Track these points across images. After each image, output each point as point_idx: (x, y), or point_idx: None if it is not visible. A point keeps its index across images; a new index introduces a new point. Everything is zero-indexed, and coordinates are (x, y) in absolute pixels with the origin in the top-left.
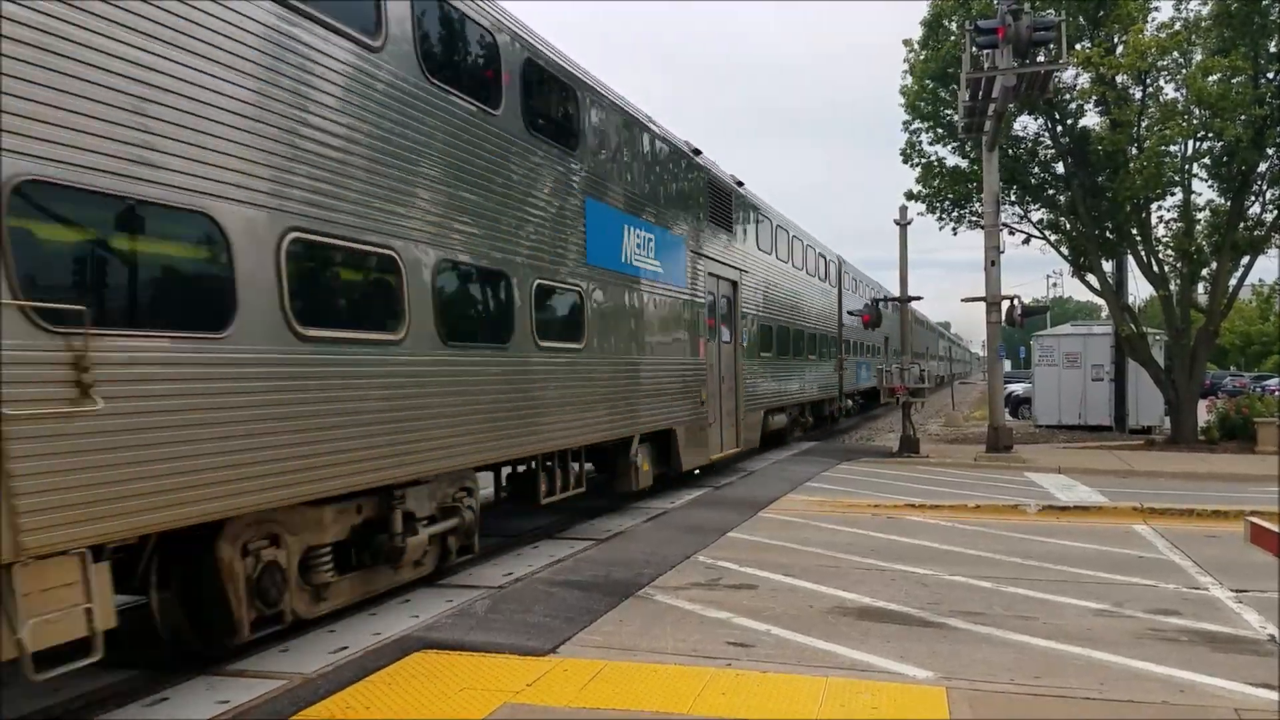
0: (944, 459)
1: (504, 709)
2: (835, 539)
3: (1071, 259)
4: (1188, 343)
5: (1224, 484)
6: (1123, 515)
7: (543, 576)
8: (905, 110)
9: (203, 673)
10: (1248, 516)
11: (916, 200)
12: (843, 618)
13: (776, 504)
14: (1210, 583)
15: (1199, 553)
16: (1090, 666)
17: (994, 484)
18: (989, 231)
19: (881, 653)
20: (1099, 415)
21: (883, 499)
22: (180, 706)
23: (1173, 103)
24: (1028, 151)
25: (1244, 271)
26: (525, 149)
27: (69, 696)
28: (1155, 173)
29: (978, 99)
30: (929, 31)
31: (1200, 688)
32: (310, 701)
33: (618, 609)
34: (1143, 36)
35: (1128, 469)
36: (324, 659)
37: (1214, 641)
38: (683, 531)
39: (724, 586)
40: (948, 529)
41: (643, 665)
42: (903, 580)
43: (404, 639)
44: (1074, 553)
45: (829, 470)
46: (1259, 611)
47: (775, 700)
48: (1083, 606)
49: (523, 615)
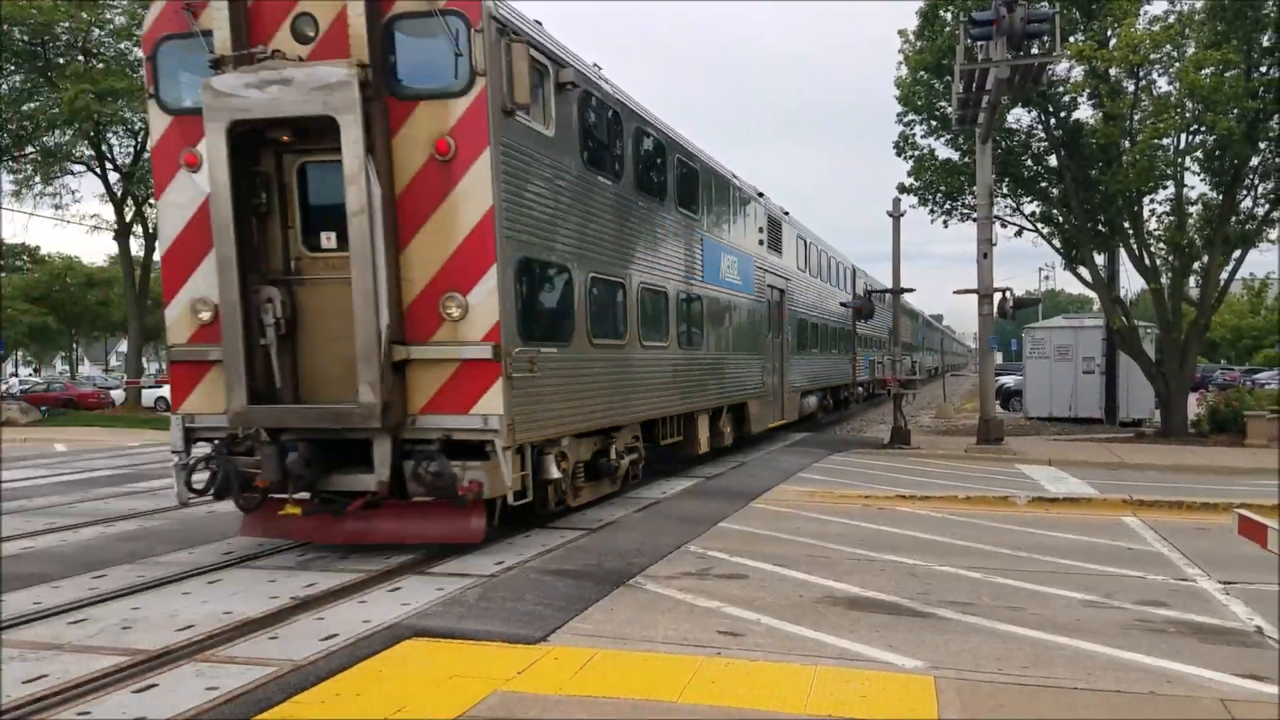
0: (935, 450)
1: (494, 696)
2: (826, 529)
3: (1063, 252)
4: (1179, 336)
5: (1213, 477)
6: (1112, 507)
7: (534, 565)
8: (899, 102)
9: (192, 659)
10: (1237, 509)
11: (909, 193)
12: (832, 607)
13: (768, 495)
14: (1198, 574)
15: (1188, 545)
16: (1078, 657)
17: (984, 476)
18: (981, 224)
19: (870, 642)
20: (1090, 408)
21: (873, 490)
22: (170, 693)
23: (1165, 96)
24: (1021, 144)
25: (1235, 265)
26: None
27: (59, 684)
28: (1148, 166)
29: (971, 91)
30: (924, 22)
31: (1187, 678)
32: (300, 688)
33: (609, 598)
34: (1135, 30)
35: (1118, 461)
36: (314, 646)
37: (1201, 633)
38: (674, 521)
39: (715, 576)
40: (938, 520)
41: (633, 653)
42: (892, 570)
43: (394, 626)
44: (1063, 544)
45: (820, 461)
46: (1246, 603)
47: (764, 688)
48: (1071, 597)
49: (514, 603)
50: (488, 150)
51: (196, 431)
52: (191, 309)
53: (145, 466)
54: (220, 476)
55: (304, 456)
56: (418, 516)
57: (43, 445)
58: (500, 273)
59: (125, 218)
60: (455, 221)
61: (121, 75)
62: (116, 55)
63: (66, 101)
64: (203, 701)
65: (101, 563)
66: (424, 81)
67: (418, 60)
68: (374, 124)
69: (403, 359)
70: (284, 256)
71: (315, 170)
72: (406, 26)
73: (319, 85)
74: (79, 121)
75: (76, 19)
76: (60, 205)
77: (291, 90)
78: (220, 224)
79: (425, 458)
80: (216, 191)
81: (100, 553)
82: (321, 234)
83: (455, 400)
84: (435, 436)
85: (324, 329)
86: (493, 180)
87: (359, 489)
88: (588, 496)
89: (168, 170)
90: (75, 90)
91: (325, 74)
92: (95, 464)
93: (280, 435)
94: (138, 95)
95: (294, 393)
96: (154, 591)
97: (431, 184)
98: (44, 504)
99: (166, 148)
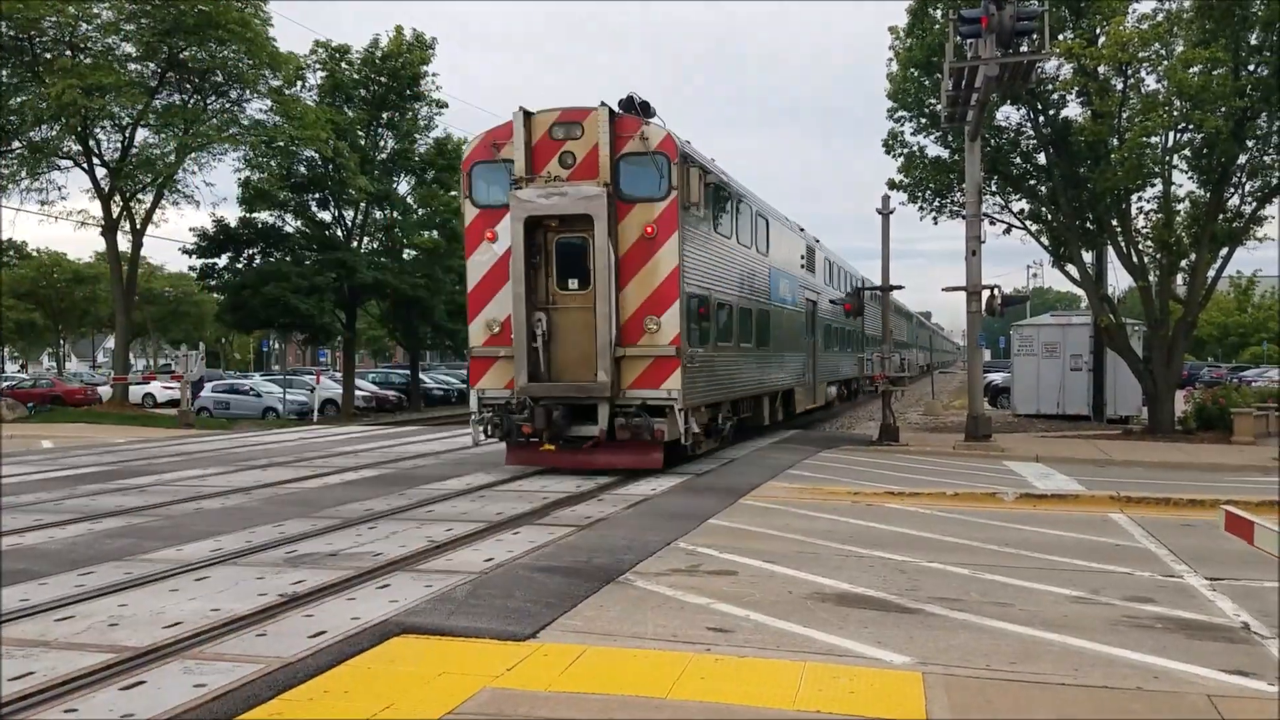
0: (923, 447)
1: (484, 693)
2: (814, 526)
3: (1052, 249)
4: (1166, 333)
5: (1200, 473)
6: (1100, 504)
7: (524, 562)
8: (889, 99)
9: (179, 656)
10: (1224, 505)
11: (898, 189)
12: (821, 603)
13: (757, 491)
14: (1185, 571)
15: (1175, 541)
16: (1066, 652)
17: (972, 472)
18: (970, 221)
19: (859, 638)
20: (1077, 405)
21: (862, 486)
22: (157, 690)
23: (1154, 94)
24: (1009, 142)
25: (1222, 263)
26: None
27: (46, 681)
28: (1136, 164)
29: (961, 88)
30: (914, 20)
31: (1174, 674)
32: (288, 685)
33: (598, 594)
34: (1124, 28)
35: (1105, 458)
36: (303, 643)
37: (1188, 629)
38: (664, 518)
39: (704, 572)
40: (926, 516)
41: (623, 650)
42: (880, 566)
43: (383, 623)
44: (1051, 540)
45: (809, 458)
46: (1233, 599)
47: (753, 684)
48: (1059, 593)
49: (503, 600)
50: (676, 233)
51: (485, 400)
52: (486, 325)
53: (132, 463)
54: (505, 427)
55: (559, 415)
56: (622, 452)
57: (29, 442)
58: (680, 304)
59: (113, 213)
60: (655, 274)
61: (109, 70)
62: (104, 50)
63: (54, 96)
64: (190, 699)
65: (88, 559)
66: (639, 192)
67: (636, 179)
68: (611, 218)
69: (620, 356)
70: (545, 293)
71: (565, 243)
72: (631, 160)
73: (583, 196)
74: (66, 117)
75: (63, 13)
76: (47, 201)
77: (566, 199)
78: (515, 274)
79: (633, 414)
80: (515, 256)
81: (87, 550)
82: (568, 280)
83: (650, 381)
84: (636, 403)
85: (569, 339)
86: (678, 250)
87: (588, 435)
88: (705, 448)
89: (475, 241)
90: (62, 85)
91: (586, 190)
92: (82, 460)
93: (540, 401)
94: (125, 90)
95: (550, 377)
96: (141, 588)
97: (641, 252)
98: (30, 500)
99: (475, 228)
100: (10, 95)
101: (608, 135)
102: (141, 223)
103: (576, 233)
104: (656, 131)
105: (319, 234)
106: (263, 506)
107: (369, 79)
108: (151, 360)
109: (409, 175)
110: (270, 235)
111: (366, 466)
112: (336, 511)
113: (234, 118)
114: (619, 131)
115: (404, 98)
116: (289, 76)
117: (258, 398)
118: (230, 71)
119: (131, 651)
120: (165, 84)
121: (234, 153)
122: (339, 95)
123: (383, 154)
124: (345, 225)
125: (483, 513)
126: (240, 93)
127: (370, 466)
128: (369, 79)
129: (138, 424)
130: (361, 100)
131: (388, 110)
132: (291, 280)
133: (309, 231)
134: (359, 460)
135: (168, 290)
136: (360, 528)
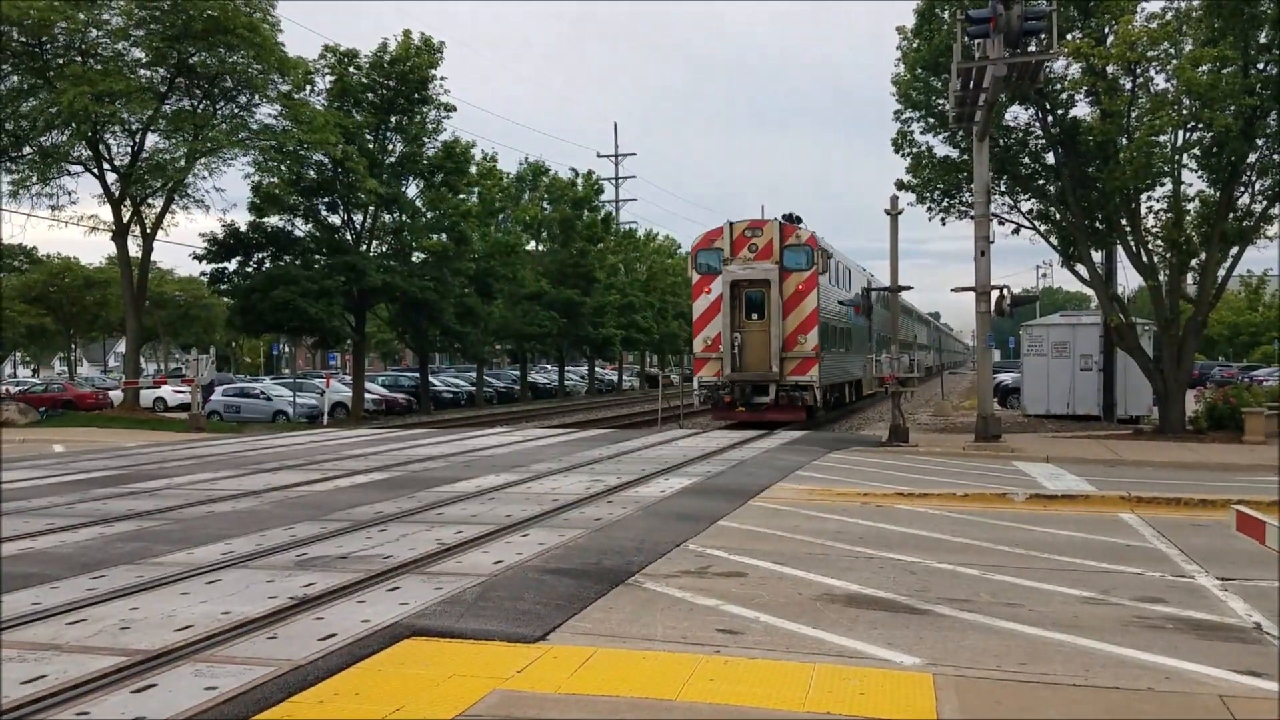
0: (933, 448)
1: (493, 695)
2: (824, 527)
3: (1061, 249)
4: (1176, 333)
5: (1211, 473)
6: (1110, 504)
7: (533, 564)
8: (897, 99)
9: (191, 659)
10: (1235, 505)
11: (907, 190)
12: (831, 605)
13: (766, 492)
14: (1196, 571)
15: (1186, 541)
16: (1076, 653)
17: (982, 473)
18: (979, 221)
19: (869, 639)
20: (1087, 405)
21: (872, 488)
22: (168, 693)
23: (1163, 93)
24: (1018, 141)
25: (1233, 262)
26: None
27: (58, 684)
28: (1145, 163)
29: (969, 88)
30: (922, 20)
31: (1186, 674)
32: (299, 688)
33: (608, 596)
34: (1132, 27)
35: (1115, 458)
36: (313, 646)
37: (1200, 629)
38: (673, 519)
39: (713, 574)
40: (936, 517)
41: (632, 652)
42: (890, 568)
43: (393, 626)
44: (1061, 541)
45: (818, 459)
46: (1244, 600)
47: (763, 686)
48: (1069, 594)
49: (513, 603)
50: (816, 289)
51: (702, 384)
52: (704, 340)
53: (143, 467)
54: (714, 398)
55: (748, 390)
56: (783, 412)
57: (41, 446)
58: (818, 328)
59: (123, 218)
60: (803, 311)
61: (119, 76)
62: (114, 56)
63: (64, 103)
64: (201, 701)
65: (100, 563)
66: (794, 266)
67: (793, 258)
68: (779, 280)
69: (783, 356)
70: (737, 322)
71: (751, 294)
72: (791, 247)
73: (764, 270)
74: (76, 122)
75: (73, 19)
76: (57, 206)
77: (755, 270)
78: (724, 312)
79: (790, 389)
80: (725, 302)
81: (99, 553)
82: (752, 314)
83: (801, 370)
84: (791, 384)
85: (753, 347)
86: (818, 300)
87: (764, 401)
88: (823, 417)
89: (698, 292)
90: (73, 91)
91: (765, 266)
92: (94, 464)
93: (736, 383)
94: (135, 96)
95: (742, 369)
96: (153, 592)
97: (795, 299)
98: (42, 504)
99: (699, 286)
100: (21, 101)
101: (777, 234)
102: (152, 228)
103: (758, 289)
104: (804, 232)
105: (328, 237)
106: (273, 510)
107: (377, 83)
108: (162, 364)
109: (418, 178)
110: (280, 239)
111: (376, 469)
112: (347, 514)
113: (243, 122)
114: (784, 232)
115: (412, 101)
116: (298, 81)
117: (268, 401)
118: (239, 76)
119: (143, 654)
120: (175, 89)
121: (244, 157)
122: (347, 99)
123: (391, 157)
124: (354, 229)
125: (492, 515)
126: (249, 97)
127: (380, 469)
128: (377, 83)
129: (149, 428)
130: (370, 104)
131: (396, 114)
132: (301, 284)
133: (318, 235)
134: (369, 463)
135: (178, 294)
136: (370, 530)
